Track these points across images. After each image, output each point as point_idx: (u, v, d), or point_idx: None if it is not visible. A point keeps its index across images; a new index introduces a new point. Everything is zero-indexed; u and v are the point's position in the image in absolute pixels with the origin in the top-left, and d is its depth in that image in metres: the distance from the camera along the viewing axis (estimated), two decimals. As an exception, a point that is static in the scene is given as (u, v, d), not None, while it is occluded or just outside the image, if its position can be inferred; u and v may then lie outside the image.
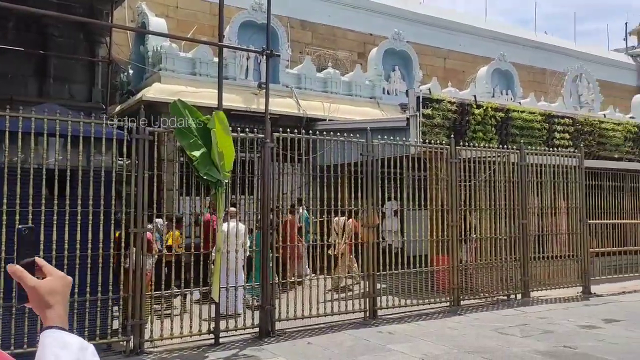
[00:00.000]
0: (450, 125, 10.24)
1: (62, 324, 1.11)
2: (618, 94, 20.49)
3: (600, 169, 12.27)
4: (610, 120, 13.07)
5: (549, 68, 19.04)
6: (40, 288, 1.13)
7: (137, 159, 6.18)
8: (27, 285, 1.13)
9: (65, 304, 1.15)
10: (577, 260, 10.15)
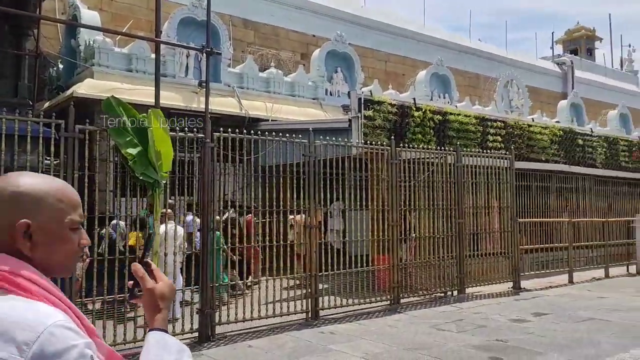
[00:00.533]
0: (390, 126, 10.44)
1: (165, 327, 1.25)
2: (545, 100, 21.58)
3: (529, 170, 12.88)
4: (538, 124, 13.75)
5: (483, 74, 19.78)
6: (156, 292, 1.26)
7: (66, 158, 5.93)
8: (145, 286, 1.26)
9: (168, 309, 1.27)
10: (508, 257, 10.61)
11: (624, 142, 16.31)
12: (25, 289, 1.06)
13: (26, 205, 1.11)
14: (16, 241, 1.10)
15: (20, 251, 1.10)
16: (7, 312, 1.00)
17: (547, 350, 6.12)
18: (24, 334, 0.98)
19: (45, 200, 1.13)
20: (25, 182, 1.13)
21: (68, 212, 1.16)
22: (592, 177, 14.91)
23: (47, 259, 1.14)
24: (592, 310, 8.49)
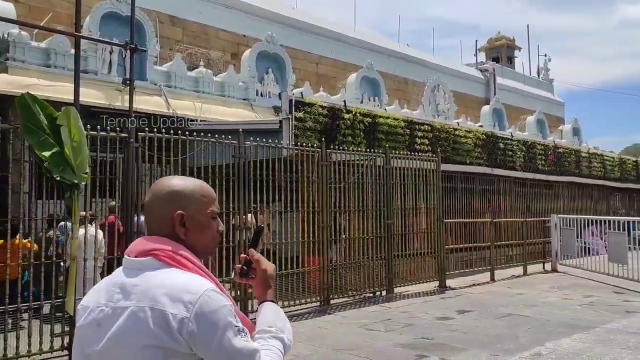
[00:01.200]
0: (321, 128, 10.49)
1: (275, 299, 1.59)
2: (469, 104, 22.47)
3: (454, 172, 13.34)
4: (463, 128, 14.29)
5: (411, 78, 20.33)
6: (268, 272, 1.59)
7: (-23, 158, 5.52)
8: (260, 267, 1.59)
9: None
10: (435, 257, 10.93)
11: (541, 146, 17.26)
12: (183, 264, 1.38)
13: (180, 200, 1.44)
14: (174, 228, 1.43)
15: (177, 235, 1.43)
16: (174, 280, 1.32)
17: (470, 346, 6.33)
18: (187, 296, 1.29)
19: (193, 196, 1.46)
20: (177, 182, 1.47)
21: (209, 204, 1.49)
22: (512, 179, 15.66)
23: (196, 242, 1.45)
24: (511, 306, 8.89)
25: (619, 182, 21.73)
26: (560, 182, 17.92)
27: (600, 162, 20.58)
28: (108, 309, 1.34)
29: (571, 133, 24.16)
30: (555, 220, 13.88)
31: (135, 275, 1.36)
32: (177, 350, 1.27)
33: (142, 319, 1.28)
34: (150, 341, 1.27)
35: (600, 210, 19.95)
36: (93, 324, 1.35)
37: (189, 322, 1.27)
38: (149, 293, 1.31)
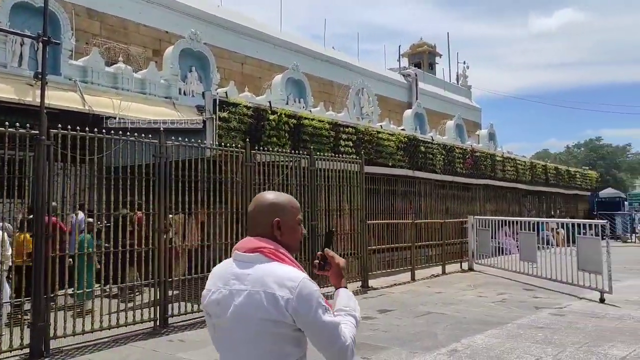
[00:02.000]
0: (246, 129, 10.38)
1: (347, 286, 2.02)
2: (393, 108, 23.05)
3: (377, 174, 13.63)
4: (386, 131, 14.63)
5: (336, 81, 20.56)
6: (341, 265, 2.02)
7: None
8: (334, 261, 2.02)
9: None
10: (358, 257, 11.11)
11: (459, 150, 18.00)
12: (282, 259, 1.81)
13: (277, 210, 1.88)
14: (273, 231, 1.87)
15: (275, 237, 1.87)
16: (278, 271, 1.75)
17: (391, 345, 6.47)
18: (290, 283, 1.72)
19: (286, 207, 1.91)
20: (273, 196, 1.93)
21: (297, 213, 1.94)
22: (432, 181, 16.22)
23: (288, 242, 1.89)
24: (430, 305, 9.19)
25: (529, 185, 23.07)
26: (477, 184, 18.77)
27: (513, 166, 21.76)
28: (225, 291, 1.81)
29: (487, 138, 25.37)
30: (472, 221, 14.51)
31: (246, 267, 1.82)
32: (283, 322, 1.73)
33: (258, 299, 1.74)
34: (264, 315, 1.73)
35: (513, 211, 21.09)
36: (214, 302, 1.84)
37: (292, 301, 1.72)
38: (261, 280, 1.76)
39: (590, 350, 6.06)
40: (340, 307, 1.92)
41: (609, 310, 8.43)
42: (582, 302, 9.24)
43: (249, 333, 1.76)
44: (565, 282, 10.21)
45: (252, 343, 1.76)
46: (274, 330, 1.74)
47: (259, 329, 1.74)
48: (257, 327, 1.74)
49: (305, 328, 1.76)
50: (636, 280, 12.13)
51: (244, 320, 1.76)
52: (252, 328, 1.75)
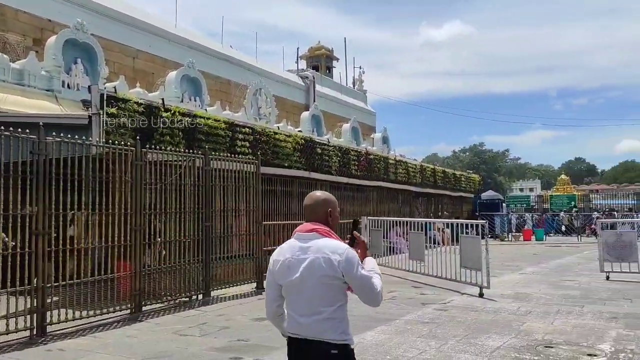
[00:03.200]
0: (137, 126, 9.94)
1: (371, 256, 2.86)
2: (290, 110, 23.20)
3: (274, 175, 13.64)
4: (283, 133, 14.68)
5: (234, 80, 20.30)
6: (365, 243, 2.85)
7: None
8: (361, 240, 2.81)
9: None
10: (253, 259, 11.03)
11: (354, 153, 18.50)
12: (331, 235, 2.65)
13: (329, 203, 2.75)
14: (325, 218, 2.72)
15: (327, 222, 2.72)
16: (331, 243, 2.59)
17: (284, 345, 6.46)
18: (340, 250, 2.55)
19: (334, 202, 2.79)
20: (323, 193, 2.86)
21: (337, 206, 2.80)
22: (328, 182, 16.51)
23: (333, 225, 2.74)
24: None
25: (419, 187, 24.25)
26: (371, 186, 19.40)
27: (404, 168, 22.75)
28: (294, 259, 2.64)
29: (381, 141, 26.31)
30: (365, 221, 14.95)
31: (306, 242, 2.66)
32: (336, 277, 2.56)
33: (319, 263, 2.57)
34: (324, 272, 2.56)
35: (404, 212, 22.04)
36: (284, 267, 2.67)
37: (342, 263, 2.55)
38: (320, 250, 2.60)
39: (469, 342, 6.45)
40: (369, 268, 2.70)
41: (487, 304, 9.05)
42: (464, 297, 9.84)
43: (314, 284, 2.60)
44: (449, 279, 10.82)
45: (316, 291, 2.61)
46: (330, 282, 2.60)
47: (320, 281, 2.59)
48: (319, 280, 2.59)
49: (350, 280, 2.60)
50: (511, 275, 13.15)
51: (309, 277, 2.61)
52: (315, 281, 2.60)
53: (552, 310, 8.47)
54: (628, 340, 6.49)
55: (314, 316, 2.61)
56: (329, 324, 2.61)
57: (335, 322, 2.62)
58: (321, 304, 2.60)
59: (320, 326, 2.61)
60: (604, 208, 35.60)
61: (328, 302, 2.60)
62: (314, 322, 2.61)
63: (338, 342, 2.62)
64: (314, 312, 2.61)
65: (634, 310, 8.43)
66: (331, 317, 2.61)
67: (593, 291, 10.41)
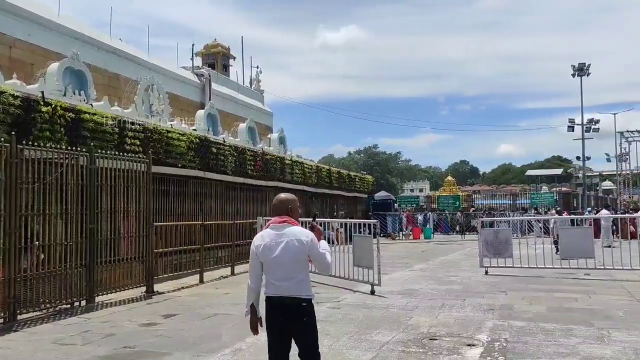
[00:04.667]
0: (12, 121, 9.16)
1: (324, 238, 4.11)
2: (185, 108, 22.52)
3: (167, 175, 13.19)
4: (177, 131, 14.21)
5: (124, 74, 19.30)
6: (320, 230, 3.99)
7: None
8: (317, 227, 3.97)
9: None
10: (143, 261, 10.57)
11: (250, 153, 18.36)
12: (297, 224, 3.82)
13: (289, 202, 3.87)
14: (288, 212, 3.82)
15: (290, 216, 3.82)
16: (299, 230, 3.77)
17: (174, 350, 6.27)
18: (307, 234, 3.76)
19: (293, 200, 3.91)
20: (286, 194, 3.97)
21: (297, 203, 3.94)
22: (224, 183, 16.26)
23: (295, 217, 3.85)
24: (217, 306, 9.16)
25: (316, 188, 24.59)
26: (267, 186, 19.36)
27: (300, 169, 22.96)
28: (272, 242, 3.67)
29: (278, 141, 26.29)
30: (260, 222, 14.86)
31: (280, 230, 3.70)
32: (305, 252, 3.68)
33: (293, 244, 3.65)
34: (297, 250, 3.65)
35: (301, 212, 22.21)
36: (266, 249, 3.67)
37: (309, 243, 3.69)
38: (292, 234, 3.68)
39: (360, 339, 6.63)
40: (323, 248, 3.83)
41: (377, 301, 9.37)
42: (356, 295, 10.11)
43: (289, 259, 3.68)
44: (343, 278, 11.06)
45: (291, 263, 3.69)
46: (301, 257, 3.71)
47: (294, 257, 3.68)
48: (294, 255, 3.68)
49: (313, 256, 3.75)
50: (401, 272, 13.73)
51: (286, 253, 3.67)
52: (291, 256, 3.68)
53: (437, 304, 8.94)
54: (502, 329, 7.01)
55: (290, 280, 3.70)
56: (301, 285, 3.72)
57: (304, 283, 3.75)
58: (295, 272, 3.71)
59: (294, 287, 3.70)
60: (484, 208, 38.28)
61: (299, 270, 3.72)
62: (291, 285, 3.69)
63: (306, 297, 3.74)
64: (290, 277, 3.70)
65: (508, 302, 9.13)
66: (303, 279, 3.74)
67: (473, 285, 11.14)
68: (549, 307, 8.60)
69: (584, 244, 12.21)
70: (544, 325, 7.20)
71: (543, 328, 7.03)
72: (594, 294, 9.84)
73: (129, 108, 15.90)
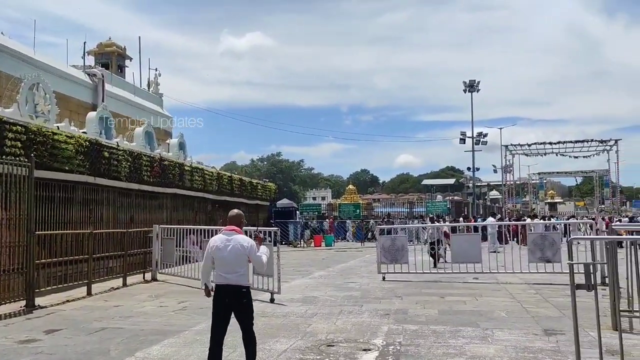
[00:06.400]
0: None
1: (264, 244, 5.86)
2: (75, 109, 21.17)
3: (52, 180, 12.27)
4: (64, 133, 13.26)
5: (5, 71, 17.76)
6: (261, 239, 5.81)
7: None
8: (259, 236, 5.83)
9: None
10: (22, 273, 9.72)
11: (147, 158, 17.59)
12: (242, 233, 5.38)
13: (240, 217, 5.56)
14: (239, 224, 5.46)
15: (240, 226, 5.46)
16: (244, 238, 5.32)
17: (54, 369, 5.76)
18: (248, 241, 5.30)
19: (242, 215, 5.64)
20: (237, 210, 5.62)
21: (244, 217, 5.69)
22: (116, 189, 15.42)
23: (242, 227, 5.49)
24: (106, 320, 8.61)
25: (217, 195, 24.08)
26: (165, 193, 18.66)
27: (201, 175, 22.38)
28: (222, 244, 5.23)
29: (177, 147, 25.47)
30: (157, 230, 14.29)
31: (230, 236, 5.26)
32: (245, 254, 5.20)
33: (237, 247, 5.19)
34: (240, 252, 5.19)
35: (200, 220, 21.64)
36: (217, 249, 5.23)
37: (248, 247, 5.22)
38: (238, 241, 5.22)
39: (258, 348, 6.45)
40: (260, 252, 5.26)
41: (277, 309, 9.27)
42: (256, 303, 9.84)
43: (234, 257, 5.12)
44: (241, 286, 10.82)
45: (235, 261, 5.12)
46: (242, 257, 5.15)
47: (238, 257, 5.13)
48: (237, 255, 5.12)
49: (251, 257, 5.18)
50: (301, 279, 13.75)
51: (232, 253, 5.12)
52: (235, 256, 5.12)
53: (336, 311, 9.02)
54: (397, 333, 7.19)
55: (234, 273, 5.14)
56: (242, 277, 5.18)
57: (244, 276, 5.21)
58: (237, 267, 5.15)
59: (237, 278, 5.15)
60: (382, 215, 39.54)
61: (240, 266, 5.17)
62: (234, 276, 5.13)
63: (246, 285, 5.23)
64: (234, 271, 5.14)
65: (403, 306, 9.42)
66: (243, 273, 5.19)
67: (371, 291, 11.39)
68: (440, 310, 8.97)
69: (472, 250, 12.93)
70: (435, 327, 7.48)
71: (434, 330, 7.30)
72: (480, 296, 10.42)
73: (11, 107, 14.68)
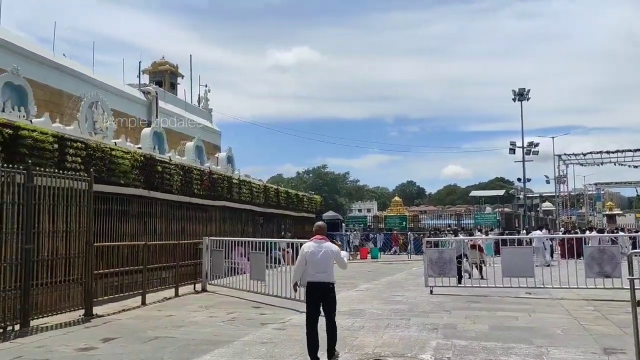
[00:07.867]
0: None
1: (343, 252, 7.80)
2: (131, 125, 22.02)
3: (109, 193, 12.82)
4: (120, 149, 13.86)
5: (67, 90, 18.73)
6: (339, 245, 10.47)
7: None
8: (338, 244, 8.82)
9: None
10: (82, 283, 10.18)
11: (197, 172, 18.11)
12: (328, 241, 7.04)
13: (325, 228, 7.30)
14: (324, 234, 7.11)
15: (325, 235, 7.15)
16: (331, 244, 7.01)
17: (112, 376, 6.03)
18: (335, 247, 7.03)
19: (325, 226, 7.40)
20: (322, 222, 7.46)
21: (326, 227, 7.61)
22: (169, 202, 15.93)
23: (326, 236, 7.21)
24: (159, 329, 8.91)
25: (263, 207, 24.44)
26: (214, 206, 19.11)
27: (248, 188, 22.80)
28: (315, 249, 6.75)
29: (226, 161, 26.08)
30: (206, 242, 14.66)
31: (320, 243, 6.84)
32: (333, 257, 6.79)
33: (328, 251, 6.76)
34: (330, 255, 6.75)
35: (247, 232, 22.02)
36: (311, 254, 6.73)
37: (336, 251, 6.89)
38: (327, 247, 6.82)
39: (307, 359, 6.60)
40: (342, 255, 7.10)
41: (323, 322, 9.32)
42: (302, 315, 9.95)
43: (325, 259, 6.67)
44: (289, 298, 10.96)
45: (325, 262, 6.66)
46: (331, 259, 6.71)
47: (328, 259, 6.68)
48: (327, 259, 6.68)
49: (337, 259, 6.84)
50: (348, 292, 13.77)
51: (324, 257, 6.67)
52: (326, 259, 6.68)
53: (383, 324, 9.02)
54: (446, 348, 7.13)
55: (324, 273, 6.58)
56: (329, 276, 6.61)
57: (331, 275, 6.64)
58: (327, 268, 6.59)
59: (326, 277, 6.58)
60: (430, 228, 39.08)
61: (329, 267, 6.59)
62: (324, 275, 6.57)
63: (332, 282, 6.67)
64: (324, 271, 6.58)
65: (452, 321, 9.32)
66: (330, 273, 6.61)
67: (418, 305, 11.30)
68: (491, 325, 8.82)
69: (524, 263, 12.62)
70: (485, 344, 7.37)
71: (485, 347, 7.20)
72: (533, 312, 10.17)
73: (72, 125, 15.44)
